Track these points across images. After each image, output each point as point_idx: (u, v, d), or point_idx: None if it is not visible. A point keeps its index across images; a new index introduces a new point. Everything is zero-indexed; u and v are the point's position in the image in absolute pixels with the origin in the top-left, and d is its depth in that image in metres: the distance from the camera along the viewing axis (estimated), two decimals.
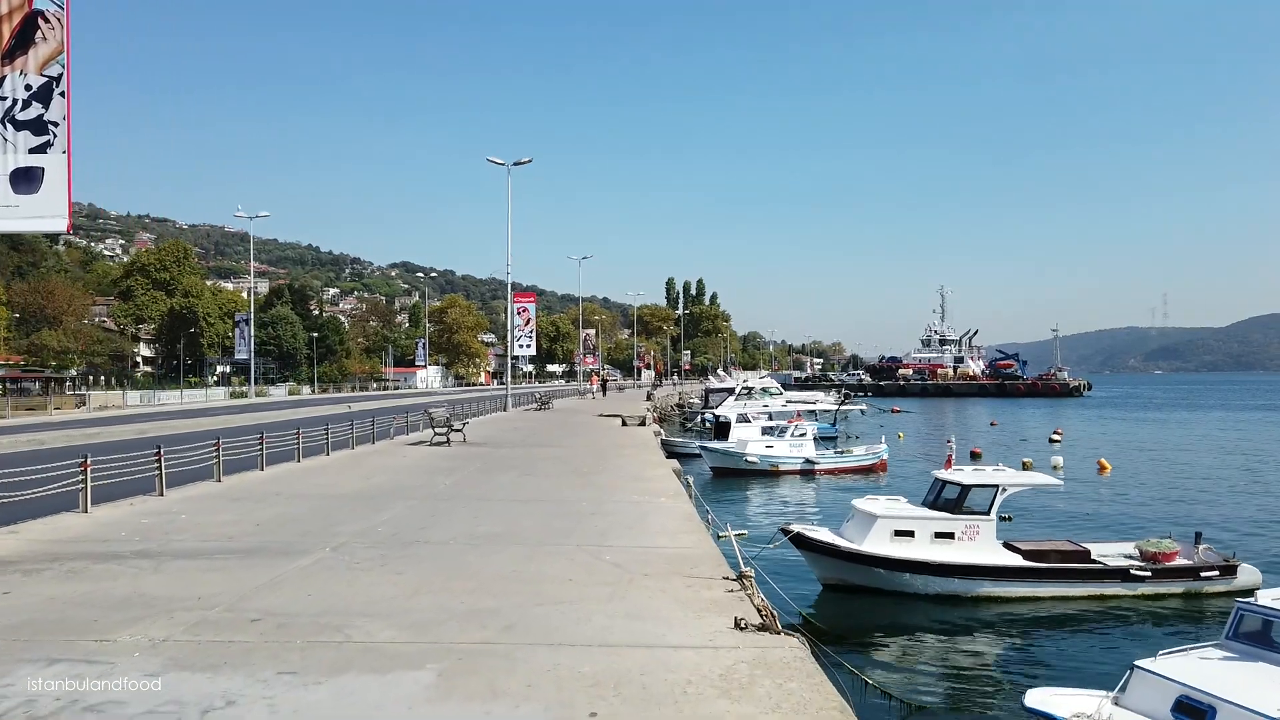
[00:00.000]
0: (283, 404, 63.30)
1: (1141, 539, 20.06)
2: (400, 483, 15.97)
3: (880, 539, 19.03)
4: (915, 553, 18.78)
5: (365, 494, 14.34)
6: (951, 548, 18.86)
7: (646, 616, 7.04)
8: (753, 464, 39.79)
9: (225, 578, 8.26)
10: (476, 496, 14.21)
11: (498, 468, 18.69)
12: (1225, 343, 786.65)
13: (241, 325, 78.49)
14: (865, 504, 20.03)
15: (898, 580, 18.91)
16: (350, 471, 17.82)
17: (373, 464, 19.43)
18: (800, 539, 19.58)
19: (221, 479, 15.85)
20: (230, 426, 35.37)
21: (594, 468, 18.76)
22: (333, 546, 9.83)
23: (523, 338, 55.10)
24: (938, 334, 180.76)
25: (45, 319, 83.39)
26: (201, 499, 13.73)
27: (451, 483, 16.05)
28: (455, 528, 11.16)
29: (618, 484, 15.96)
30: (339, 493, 14.50)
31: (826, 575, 19.80)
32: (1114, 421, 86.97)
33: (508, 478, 16.86)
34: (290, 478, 16.60)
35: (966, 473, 20.11)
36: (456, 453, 22.31)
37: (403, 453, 22.46)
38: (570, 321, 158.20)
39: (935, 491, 19.99)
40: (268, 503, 13.24)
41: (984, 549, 18.89)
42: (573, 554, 9.52)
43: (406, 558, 9.27)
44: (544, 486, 15.51)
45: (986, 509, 19.11)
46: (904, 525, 19.10)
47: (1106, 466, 42.91)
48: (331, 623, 6.75)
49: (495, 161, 49.20)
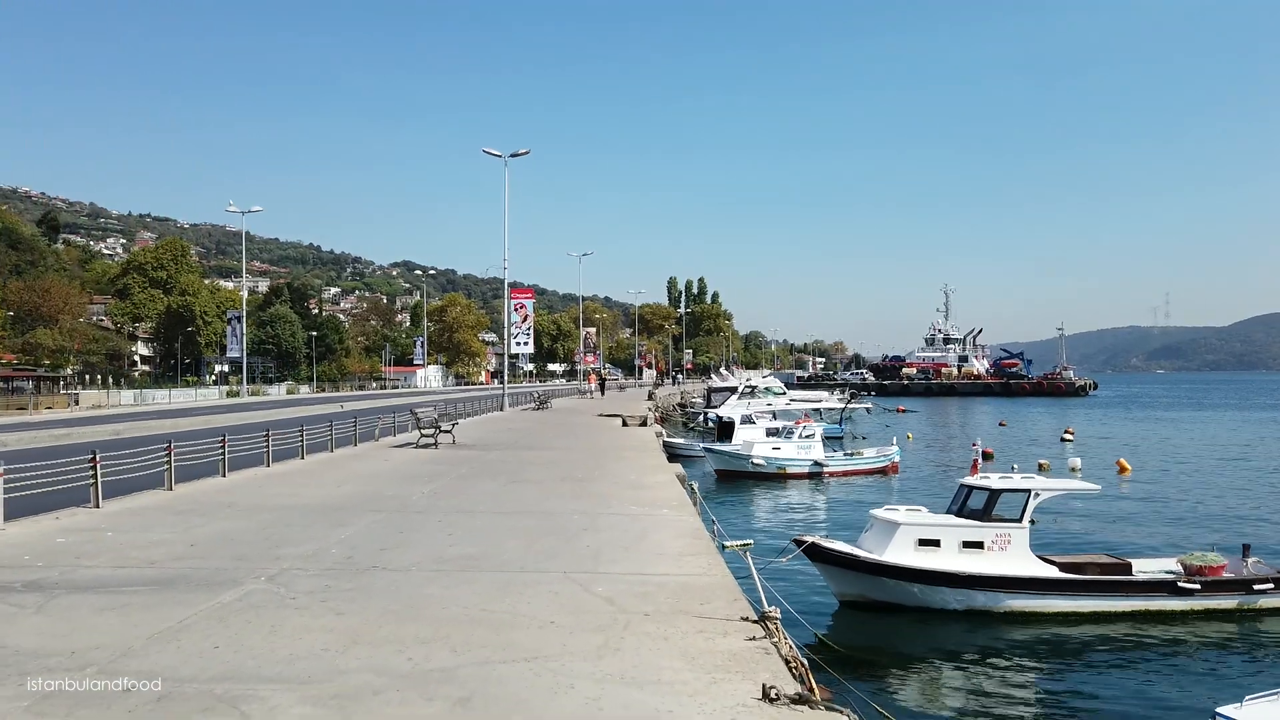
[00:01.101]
0: (275, 403, 61.70)
1: (1182, 552, 18.44)
2: (373, 491, 14.32)
3: (903, 549, 17.41)
4: (942, 563, 17.15)
5: (330, 505, 12.69)
6: (981, 558, 17.22)
7: (646, 680, 5.38)
8: (759, 466, 38.11)
9: (119, 621, 6.59)
10: (455, 508, 12.56)
11: (484, 473, 17.04)
12: (1228, 342, 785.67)
13: (234, 323, 76.68)
14: (886, 513, 18.41)
15: (923, 594, 17.29)
16: (321, 478, 16.17)
17: (349, 469, 17.78)
18: (815, 551, 17.94)
19: (173, 487, 14.19)
20: (211, 427, 33.75)
21: (590, 473, 17.12)
22: (270, 575, 8.17)
23: (520, 335, 53.35)
24: (942, 333, 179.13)
25: (41, 317, 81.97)
26: (141, 512, 12.07)
27: (430, 491, 14.40)
28: (422, 549, 9.52)
29: (615, 493, 14.32)
30: (301, 503, 12.84)
31: (844, 591, 18.17)
32: (1124, 421, 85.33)
33: (493, 485, 15.21)
34: (251, 486, 14.96)
35: (994, 478, 18.50)
36: (442, 456, 20.67)
37: (385, 456, 20.82)
38: (571, 320, 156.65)
39: (961, 498, 18.34)
40: (214, 517, 11.58)
41: (1017, 559, 17.24)
42: (558, 584, 7.89)
43: (354, 590, 7.61)
44: (533, 496, 13.87)
45: (1018, 516, 17.47)
46: (929, 533, 17.47)
47: (1126, 468, 41.20)
48: (230, 693, 5.08)
49: (492, 153, 47.60)
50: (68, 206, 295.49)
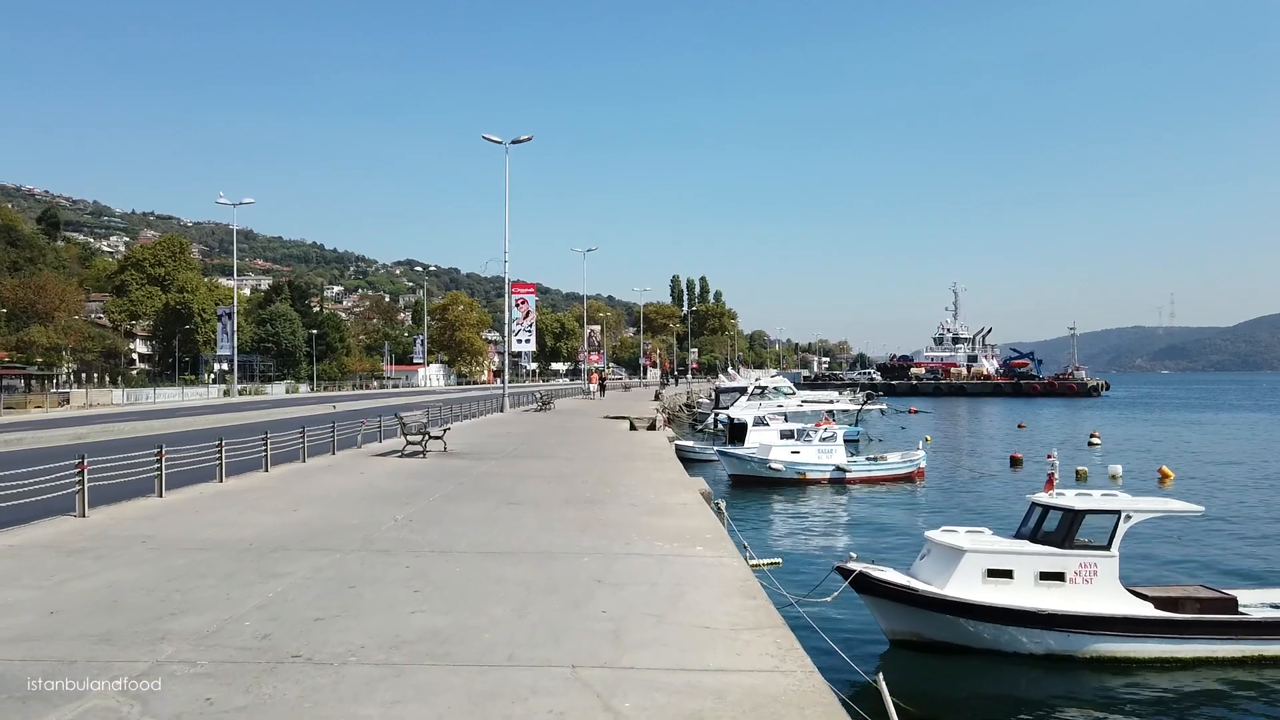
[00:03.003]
0: (266, 403, 59.05)
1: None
2: (332, 519, 11.60)
3: (969, 580, 14.77)
4: (1017, 599, 14.49)
5: (271, 541, 9.99)
6: (1063, 592, 14.56)
7: None
8: (777, 472, 35.45)
9: None
10: (429, 545, 9.85)
11: (473, 492, 14.33)
12: (1232, 342, 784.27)
13: (224, 319, 73.82)
14: (945, 536, 15.72)
15: (993, 635, 14.65)
16: (277, 499, 13.47)
17: (314, 486, 15.07)
18: (864, 582, 15.29)
19: (87, 512, 11.50)
20: (185, 430, 31.11)
21: (598, 492, 14.41)
22: (133, 677, 5.42)
23: (521, 332, 50.55)
24: (950, 332, 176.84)
25: (36, 315, 79.47)
26: (19, 552, 9.31)
27: (403, 519, 11.68)
28: (373, 619, 6.81)
29: (632, 520, 11.62)
30: (235, 538, 10.14)
31: (897, 628, 15.51)
32: (1143, 423, 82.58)
33: (482, 509, 12.50)
34: (187, 511, 12.24)
35: (1070, 494, 15.80)
36: (428, 468, 17.96)
37: (362, 467, 18.11)
38: (575, 319, 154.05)
39: (1034, 520, 15.67)
40: (112, 560, 8.86)
41: (1104, 594, 14.57)
42: (563, 693, 5.20)
43: (246, 714, 4.94)
44: (529, 526, 11.15)
45: (1106, 542, 14.81)
46: (1001, 562, 14.82)
47: (1169, 475, 38.45)
48: None
49: (492, 139, 44.94)
50: (71, 205, 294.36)
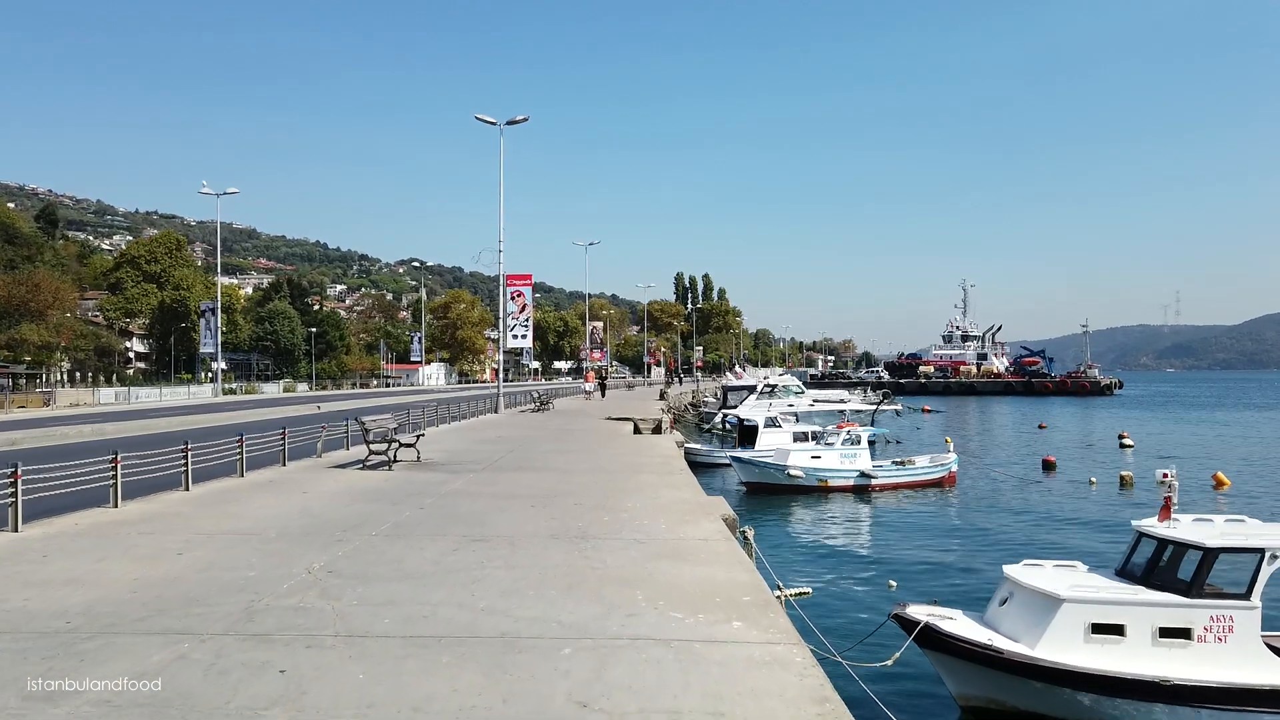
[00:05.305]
0: (251, 403, 55.90)
1: None
2: (219, 568, 8.37)
3: (1068, 637, 11.53)
4: (1132, 663, 11.24)
5: (101, 615, 6.79)
6: (1189, 654, 11.29)
7: None
8: (796, 478, 32.28)
9: None
10: (336, 623, 6.63)
11: (431, 522, 11.12)
12: (1238, 341, 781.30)
13: (207, 315, 70.45)
14: (1032, 576, 12.48)
15: (1096, 706, 11.45)
16: (168, 534, 10.23)
17: (230, 513, 11.83)
18: (931, 637, 12.09)
19: None
20: (139, 435, 28.00)
21: (594, 520, 11.20)
22: None
23: (518, 327, 47.36)
24: (960, 330, 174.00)
25: (29, 312, 76.59)
26: None
27: (321, 567, 8.45)
28: None
29: (638, 569, 8.41)
30: (53, 609, 6.91)
31: (970, 693, 12.32)
32: (1165, 421, 79.35)
33: (435, 551, 9.28)
34: (30, 554, 9.07)
35: (1189, 525, 12.53)
36: (389, 485, 14.75)
37: (308, 484, 14.89)
38: (578, 316, 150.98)
39: (1146, 557, 12.41)
40: None
41: (1243, 656, 11.32)
42: None
43: None
44: (493, 584, 7.90)
45: (1244, 590, 11.57)
46: (1109, 615, 11.57)
47: (1224, 481, 35.17)
48: None
49: (485, 120, 41.83)
50: (74, 204, 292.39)
